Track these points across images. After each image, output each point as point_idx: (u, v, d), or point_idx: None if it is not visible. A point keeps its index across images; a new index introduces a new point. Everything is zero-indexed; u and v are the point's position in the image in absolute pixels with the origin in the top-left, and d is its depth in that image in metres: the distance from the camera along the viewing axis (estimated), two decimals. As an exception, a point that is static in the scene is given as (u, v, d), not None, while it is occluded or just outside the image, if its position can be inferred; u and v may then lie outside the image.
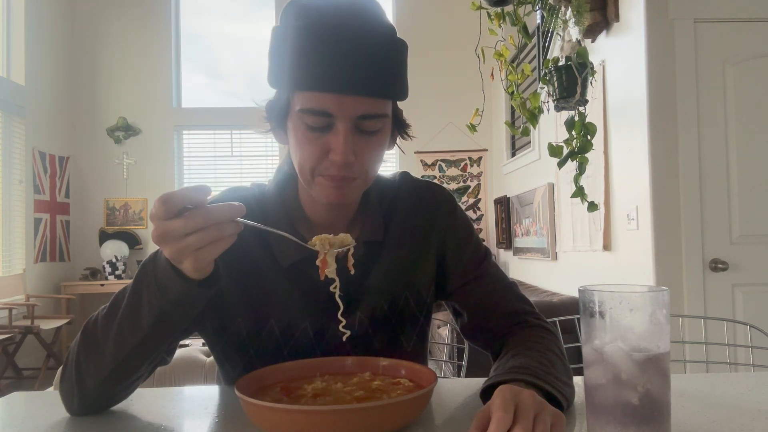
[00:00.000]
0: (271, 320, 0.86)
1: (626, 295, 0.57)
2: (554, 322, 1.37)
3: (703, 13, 2.64)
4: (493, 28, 2.88)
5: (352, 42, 0.73)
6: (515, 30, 2.89)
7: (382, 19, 0.78)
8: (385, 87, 0.76)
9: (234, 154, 5.97)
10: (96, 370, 0.74)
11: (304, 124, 0.76)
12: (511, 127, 3.34)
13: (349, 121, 0.75)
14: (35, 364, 4.81)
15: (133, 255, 5.72)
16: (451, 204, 0.96)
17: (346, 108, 0.74)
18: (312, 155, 0.77)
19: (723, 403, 0.77)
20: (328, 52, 0.72)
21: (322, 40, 0.73)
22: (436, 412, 0.76)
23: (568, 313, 1.56)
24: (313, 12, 0.75)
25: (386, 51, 0.76)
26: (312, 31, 0.73)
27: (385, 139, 0.82)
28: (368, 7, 0.77)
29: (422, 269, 0.93)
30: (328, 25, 0.73)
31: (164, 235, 0.62)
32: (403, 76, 0.80)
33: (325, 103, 0.74)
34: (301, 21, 0.75)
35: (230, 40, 6.22)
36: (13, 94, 4.92)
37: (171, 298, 0.68)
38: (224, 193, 0.91)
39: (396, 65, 0.77)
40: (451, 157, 5.74)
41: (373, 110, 0.76)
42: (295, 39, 0.74)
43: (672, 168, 2.61)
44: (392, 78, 0.77)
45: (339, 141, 0.75)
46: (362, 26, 0.74)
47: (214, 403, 0.83)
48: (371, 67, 0.74)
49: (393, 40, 0.77)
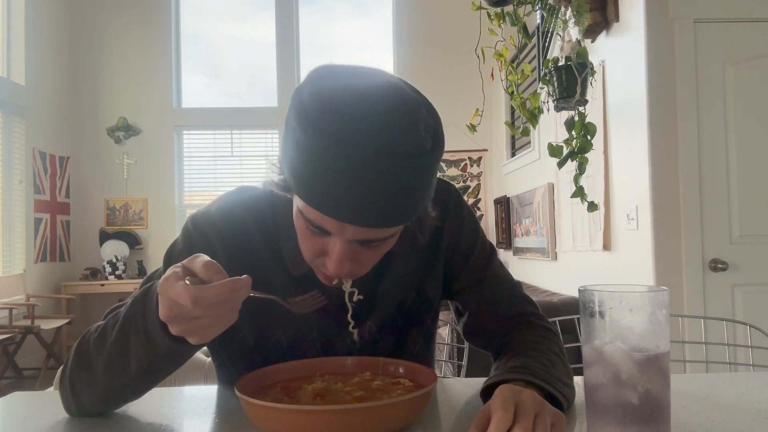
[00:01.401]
0: (278, 331, 0.85)
1: (626, 295, 0.57)
2: (554, 322, 1.37)
3: (703, 13, 2.64)
4: (493, 28, 2.88)
5: (365, 175, 0.61)
6: (515, 30, 2.89)
7: (414, 134, 0.63)
8: (396, 219, 0.66)
9: (234, 154, 5.96)
10: (89, 391, 0.73)
11: (304, 222, 0.70)
12: (511, 127, 3.34)
13: (347, 241, 0.69)
14: (35, 364, 4.81)
15: (134, 255, 5.72)
16: (459, 201, 0.94)
17: (347, 233, 0.67)
18: (310, 251, 0.73)
19: (723, 403, 0.77)
20: (334, 178, 0.62)
21: (331, 159, 0.61)
22: (436, 412, 0.76)
23: (568, 313, 1.56)
24: (329, 112, 0.62)
25: (407, 180, 0.63)
26: (322, 143, 0.62)
27: (391, 245, 0.74)
28: (398, 115, 0.63)
29: (431, 272, 0.92)
30: (342, 142, 0.61)
31: (179, 317, 0.59)
32: (426, 193, 0.68)
33: (324, 223, 0.67)
34: (312, 119, 0.63)
35: (230, 41, 6.22)
36: (13, 94, 4.92)
37: (160, 352, 0.67)
38: (233, 193, 0.87)
39: (416, 191, 0.66)
40: (451, 157, 5.74)
41: (378, 236, 0.69)
42: (302, 139, 0.63)
43: (672, 168, 2.61)
44: (407, 207, 0.66)
45: (334, 256, 0.69)
46: (384, 154, 0.61)
47: (214, 403, 0.83)
48: (382, 202, 0.63)
49: (420, 163, 0.64)
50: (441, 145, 0.68)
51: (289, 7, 5.94)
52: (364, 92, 0.64)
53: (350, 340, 0.87)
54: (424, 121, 0.66)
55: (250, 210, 0.84)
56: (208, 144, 5.99)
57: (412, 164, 0.63)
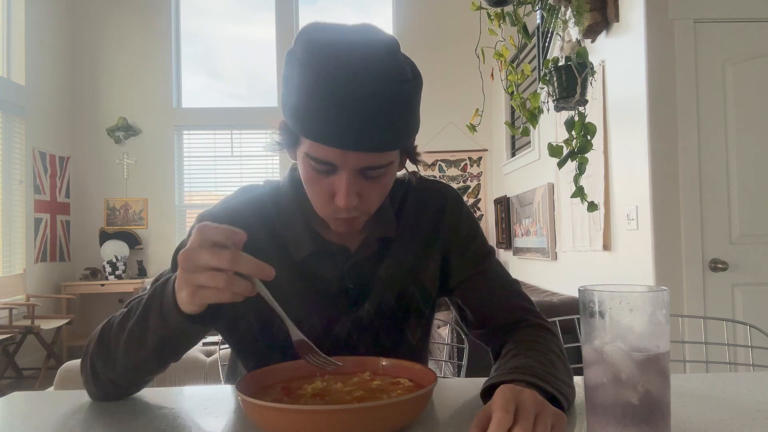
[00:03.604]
0: None
1: (626, 295, 0.57)
2: (554, 322, 1.37)
3: (703, 13, 2.64)
4: (493, 28, 2.88)
5: (358, 99, 0.71)
6: (515, 30, 2.89)
7: (395, 63, 0.75)
8: (389, 142, 0.75)
9: (234, 154, 5.97)
10: (108, 370, 0.78)
11: (311, 165, 0.78)
12: (511, 127, 3.34)
13: (352, 171, 0.77)
14: (35, 364, 4.81)
15: (134, 255, 5.72)
16: (458, 202, 0.99)
17: (349, 161, 0.75)
18: (320, 196, 0.80)
19: (723, 403, 0.77)
20: (333, 109, 0.72)
21: (330, 94, 0.71)
22: (436, 412, 0.76)
23: (568, 313, 1.56)
24: (325, 58, 0.72)
25: (395, 104, 0.74)
26: (321, 82, 0.72)
27: (391, 179, 0.83)
28: (381, 53, 0.74)
29: (428, 264, 0.95)
30: (338, 77, 0.71)
31: (186, 260, 0.64)
32: (413, 119, 0.79)
33: (329, 155, 0.75)
34: (308, 65, 0.73)
35: (230, 41, 6.22)
36: (13, 94, 4.92)
37: (171, 328, 0.72)
38: (238, 194, 0.93)
39: (404, 115, 0.76)
40: (451, 157, 5.74)
41: (377, 162, 0.77)
42: (304, 84, 0.73)
43: (672, 168, 2.61)
44: (399, 130, 0.76)
45: (342, 189, 0.77)
46: (372, 80, 0.72)
47: (214, 403, 0.83)
48: (376, 124, 0.73)
49: (402, 90, 0.75)
50: (420, 79, 0.79)
51: (289, 7, 5.94)
52: (350, 35, 0.75)
53: (349, 323, 0.90)
54: (402, 57, 0.77)
55: (254, 208, 0.91)
56: (208, 144, 5.99)
57: (396, 89, 0.73)
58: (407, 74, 0.76)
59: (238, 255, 0.64)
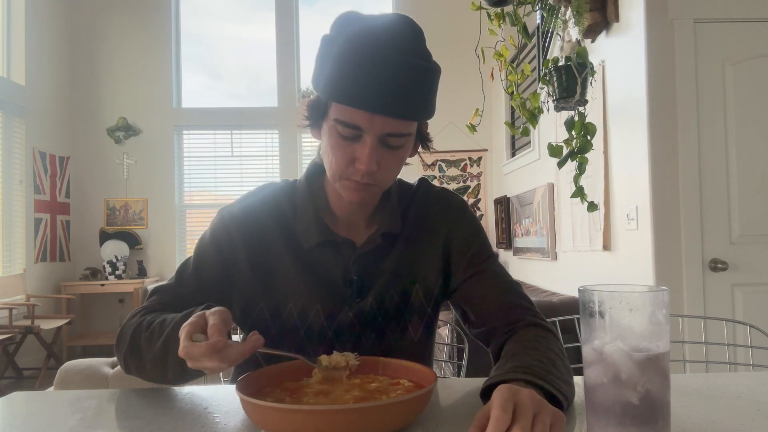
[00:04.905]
0: (290, 303, 0.95)
1: (626, 295, 0.57)
2: (554, 322, 1.37)
3: (702, 13, 2.64)
4: (493, 28, 2.87)
5: (388, 68, 0.80)
6: (515, 30, 2.89)
7: (420, 46, 0.85)
8: (412, 110, 0.84)
9: (234, 154, 5.96)
10: (140, 372, 0.88)
11: (337, 132, 0.85)
12: (511, 127, 3.34)
13: (376, 136, 0.84)
14: (35, 364, 4.81)
15: (134, 255, 5.72)
16: (462, 207, 1.05)
17: (375, 125, 0.83)
18: (342, 161, 0.86)
19: (723, 403, 0.77)
20: (365, 74, 0.80)
21: (362, 61, 0.80)
22: (436, 412, 0.76)
23: (568, 313, 1.56)
24: (359, 32, 0.83)
25: (418, 77, 0.83)
26: (354, 51, 0.81)
27: (407, 153, 0.91)
28: (409, 35, 0.85)
29: (431, 263, 1.00)
30: (370, 48, 0.81)
31: (189, 357, 0.71)
32: (432, 99, 0.87)
33: (356, 118, 0.82)
34: (346, 38, 0.82)
35: (230, 41, 6.22)
36: (13, 94, 4.92)
37: (187, 373, 0.81)
38: (256, 191, 1.01)
39: (426, 91, 0.84)
40: (451, 157, 5.74)
41: (398, 130, 0.84)
42: (338, 54, 0.82)
43: (672, 168, 2.61)
44: (420, 103, 0.84)
45: (365, 153, 0.84)
46: (400, 53, 0.81)
47: (214, 403, 0.83)
48: (402, 92, 0.81)
49: (427, 67, 0.84)
50: (440, 69, 0.87)
51: (289, 7, 5.94)
52: (383, 18, 0.86)
53: (352, 314, 0.94)
54: (425, 44, 0.87)
55: (268, 205, 0.99)
56: (208, 144, 5.99)
57: (423, 65, 0.83)
58: (430, 57, 0.86)
59: (225, 357, 0.69)
